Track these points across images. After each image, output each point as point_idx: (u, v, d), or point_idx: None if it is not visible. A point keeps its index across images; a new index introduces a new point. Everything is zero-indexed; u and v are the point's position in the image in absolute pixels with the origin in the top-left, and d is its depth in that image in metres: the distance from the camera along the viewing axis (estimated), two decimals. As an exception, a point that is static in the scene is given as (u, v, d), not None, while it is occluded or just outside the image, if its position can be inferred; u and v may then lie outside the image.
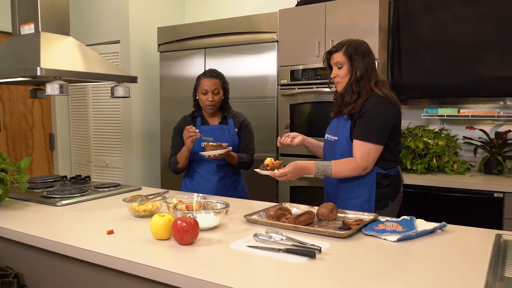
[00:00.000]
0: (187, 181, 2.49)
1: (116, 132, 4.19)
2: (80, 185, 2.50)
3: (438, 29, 3.05)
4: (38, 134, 4.42)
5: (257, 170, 1.90)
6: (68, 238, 1.51)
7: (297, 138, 2.14)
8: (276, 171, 1.85)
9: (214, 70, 2.46)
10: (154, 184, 4.14)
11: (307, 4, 3.24)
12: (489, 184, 2.63)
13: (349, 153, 1.92)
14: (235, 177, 2.48)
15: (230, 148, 2.23)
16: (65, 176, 2.75)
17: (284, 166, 1.89)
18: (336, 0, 3.08)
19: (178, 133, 2.47)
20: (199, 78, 2.44)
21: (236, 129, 2.46)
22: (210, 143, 2.20)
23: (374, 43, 2.94)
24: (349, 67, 1.94)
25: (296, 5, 3.35)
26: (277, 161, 1.93)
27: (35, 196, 2.22)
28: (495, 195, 2.57)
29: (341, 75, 1.96)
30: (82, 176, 2.70)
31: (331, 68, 2.03)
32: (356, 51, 1.93)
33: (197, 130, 2.24)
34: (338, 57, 1.96)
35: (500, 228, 2.51)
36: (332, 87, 2.10)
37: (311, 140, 2.22)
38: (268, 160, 1.93)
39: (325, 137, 2.11)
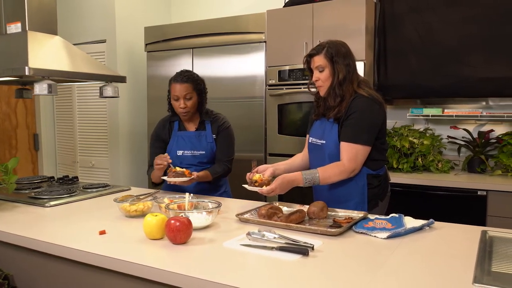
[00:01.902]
0: (167, 185, 2.39)
1: (102, 132, 4.16)
2: (68, 186, 2.48)
3: (423, 30, 3.11)
4: (22, 134, 4.36)
5: (245, 186, 1.91)
6: (60, 239, 1.50)
7: (267, 172, 2.00)
8: (264, 187, 1.84)
9: (186, 72, 2.31)
10: (141, 185, 4.11)
11: (294, 5, 3.27)
12: (472, 182, 2.69)
13: (338, 157, 1.90)
14: (215, 182, 2.37)
15: (194, 176, 2.11)
16: (52, 177, 2.72)
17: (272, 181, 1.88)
18: (324, 1, 3.12)
19: (156, 138, 2.41)
20: (170, 82, 2.30)
21: (214, 135, 2.36)
22: (173, 169, 2.09)
23: (361, 44, 2.99)
24: (330, 70, 1.90)
25: (283, 6, 3.38)
26: (265, 177, 1.94)
27: (22, 197, 2.19)
28: (479, 193, 2.63)
29: (323, 79, 1.92)
30: (70, 177, 2.67)
31: (311, 71, 1.99)
32: (337, 53, 1.89)
33: (169, 160, 2.13)
34: (319, 60, 1.92)
35: (484, 225, 2.57)
36: (312, 89, 2.05)
37: (281, 167, 2.11)
38: (257, 176, 1.93)
39: (309, 140, 2.08)
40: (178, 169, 2.09)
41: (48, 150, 4.53)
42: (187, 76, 2.27)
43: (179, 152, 2.34)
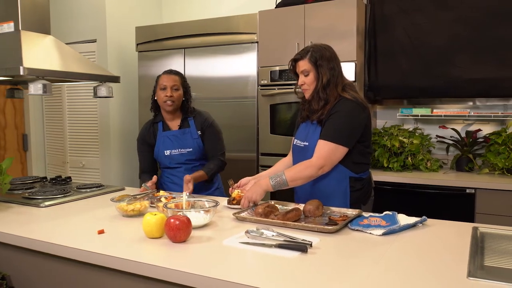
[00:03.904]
0: (160, 187, 2.43)
1: (93, 132, 4.14)
2: (61, 186, 2.47)
3: (412, 32, 3.17)
4: (11, 134, 4.31)
5: (225, 204, 1.96)
6: (59, 239, 1.50)
7: (248, 185, 2.05)
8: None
9: (174, 69, 2.43)
10: (132, 185, 4.08)
11: (286, 6, 3.30)
12: (461, 181, 2.75)
13: None
14: (210, 178, 2.41)
15: (189, 184, 2.14)
16: (45, 177, 2.71)
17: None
18: (315, 2, 3.15)
19: (142, 143, 2.46)
20: (158, 77, 2.39)
21: (199, 132, 2.39)
22: (157, 194, 2.06)
23: (352, 44, 3.04)
24: (315, 73, 1.91)
25: (275, 7, 3.40)
26: (244, 193, 1.98)
27: (16, 197, 2.18)
28: (467, 191, 2.69)
29: (308, 83, 1.93)
30: (63, 177, 2.66)
31: (297, 75, 2.00)
32: (321, 56, 1.90)
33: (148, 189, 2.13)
34: (304, 64, 1.92)
35: (472, 222, 2.62)
36: (298, 93, 2.07)
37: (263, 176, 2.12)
38: (235, 193, 1.98)
39: (294, 142, 2.09)
40: (162, 193, 2.08)
41: (37, 151, 4.49)
42: (176, 71, 2.40)
43: (167, 152, 2.37)
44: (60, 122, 4.33)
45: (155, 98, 2.40)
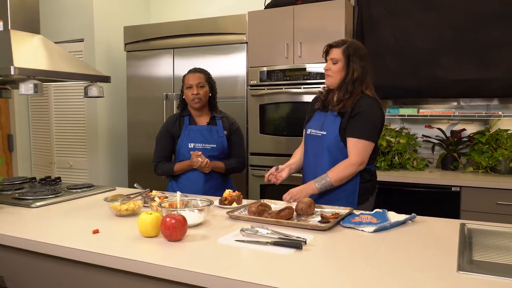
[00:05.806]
0: (174, 183, 2.47)
1: (80, 132, 4.10)
2: (51, 187, 2.45)
3: (399, 34, 3.23)
4: (-4, 135, 4.25)
5: (217, 204, 1.98)
6: (52, 238, 1.50)
7: (284, 172, 2.14)
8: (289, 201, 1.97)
9: (199, 67, 2.51)
10: (120, 185, 4.06)
11: (275, 7, 3.32)
12: (446, 179, 2.82)
13: (336, 149, 2.02)
14: (222, 178, 2.47)
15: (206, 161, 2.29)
16: (34, 178, 2.68)
17: (242, 197, 2.02)
18: (304, 4, 3.19)
19: (165, 134, 2.47)
20: (184, 76, 2.47)
21: (226, 132, 2.47)
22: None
23: (340, 46, 3.07)
24: (344, 65, 2.02)
25: (264, 8, 3.43)
26: (235, 192, 2.02)
27: (6, 198, 2.16)
28: (453, 189, 2.76)
29: (333, 70, 2.04)
30: (52, 178, 2.64)
31: (327, 60, 2.11)
32: (355, 52, 2.03)
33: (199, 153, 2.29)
34: (336, 53, 2.04)
35: (458, 219, 2.70)
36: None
37: (293, 166, 2.21)
38: (227, 193, 2.01)
39: (308, 132, 2.16)
40: (154, 192, 2.11)
41: (23, 151, 4.43)
42: (200, 69, 2.49)
43: (191, 145, 2.40)
44: (46, 122, 4.28)
45: (183, 97, 2.46)
